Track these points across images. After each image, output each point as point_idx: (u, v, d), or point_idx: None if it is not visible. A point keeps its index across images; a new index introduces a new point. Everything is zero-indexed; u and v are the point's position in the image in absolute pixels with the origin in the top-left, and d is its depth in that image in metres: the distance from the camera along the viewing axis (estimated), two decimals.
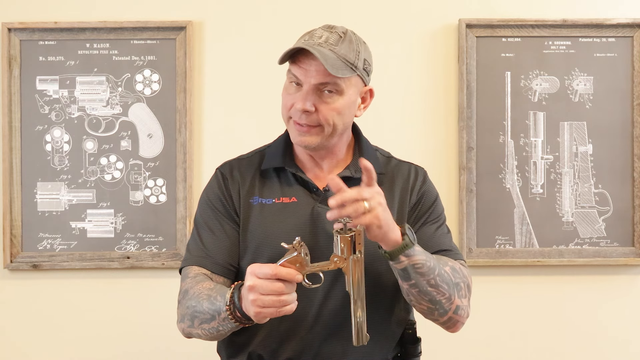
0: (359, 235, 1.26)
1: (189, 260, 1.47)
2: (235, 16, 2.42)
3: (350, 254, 1.25)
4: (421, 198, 1.51)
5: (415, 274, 1.31)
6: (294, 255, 1.24)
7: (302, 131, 1.41)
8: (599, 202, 2.40)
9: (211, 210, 1.49)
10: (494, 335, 2.42)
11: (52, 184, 2.39)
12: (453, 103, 2.41)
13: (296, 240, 1.24)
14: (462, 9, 2.41)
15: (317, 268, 1.26)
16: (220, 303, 1.30)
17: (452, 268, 1.39)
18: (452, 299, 1.36)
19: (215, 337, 1.38)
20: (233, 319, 1.28)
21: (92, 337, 2.41)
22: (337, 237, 1.26)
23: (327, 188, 1.45)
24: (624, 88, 2.40)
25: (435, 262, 1.34)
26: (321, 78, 1.37)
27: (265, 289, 1.20)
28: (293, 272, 1.22)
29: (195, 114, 2.41)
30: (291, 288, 1.23)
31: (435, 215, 1.51)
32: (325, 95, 1.39)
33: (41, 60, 2.40)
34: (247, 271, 1.23)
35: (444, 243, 1.48)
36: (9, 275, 2.40)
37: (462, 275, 1.41)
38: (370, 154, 1.51)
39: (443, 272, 1.35)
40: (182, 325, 1.41)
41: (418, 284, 1.32)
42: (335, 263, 1.26)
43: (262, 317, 1.23)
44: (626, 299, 2.42)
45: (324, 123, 1.40)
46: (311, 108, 1.38)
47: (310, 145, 1.42)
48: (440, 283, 1.34)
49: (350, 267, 1.26)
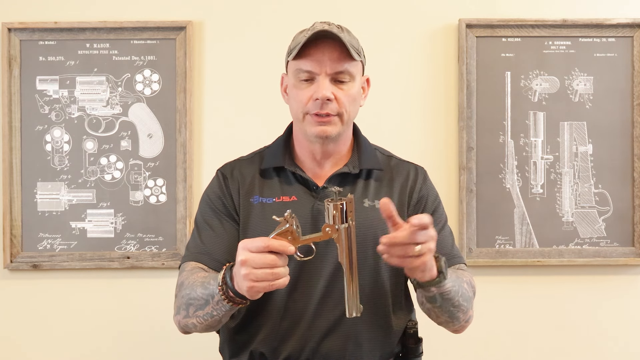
0: (350, 203, 1.24)
1: (187, 257, 1.47)
2: (235, 16, 2.42)
3: (341, 222, 1.23)
4: (423, 199, 1.52)
5: (442, 300, 1.35)
6: (286, 227, 1.22)
7: (322, 121, 1.41)
8: (599, 202, 2.40)
9: (211, 209, 1.49)
10: (494, 335, 2.42)
11: (52, 184, 2.39)
12: (453, 103, 2.41)
13: (287, 213, 1.23)
14: (462, 9, 2.41)
15: (309, 239, 1.24)
16: (213, 286, 1.29)
17: (467, 284, 1.43)
18: (467, 312, 1.42)
19: (210, 324, 1.36)
20: (226, 299, 1.27)
21: (92, 337, 2.41)
22: (328, 205, 1.24)
23: (326, 185, 1.46)
24: (624, 88, 2.40)
25: (458, 283, 1.38)
26: (337, 65, 1.39)
27: (257, 263, 1.18)
28: (285, 243, 1.20)
29: (195, 114, 2.41)
30: (284, 261, 1.21)
31: (438, 217, 1.52)
32: (340, 83, 1.41)
33: (41, 60, 2.40)
34: (239, 246, 1.22)
35: (448, 247, 1.51)
36: (9, 275, 2.40)
37: (472, 287, 1.46)
38: (369, 152, 1.53)
39: (464, 291, 1.40)
40: (178, 318, 1.40)
41: (442, 307, 1.37)
42: (327, 233, 1.24)
43: (255, 291, 1.21)
44: (626, 299, 2.43)
45: (342, 111, 1.42)
46: (332, 96, 1.39)
47: (330, 135, 1.43)
48: (462, 302, 1.39)
49: (343, 236, 1.24)
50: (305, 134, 1.45)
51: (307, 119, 1.43)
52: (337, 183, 1.47)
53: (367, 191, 1.48)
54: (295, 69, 1.42)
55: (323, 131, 1.42)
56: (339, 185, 1.47)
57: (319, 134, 1.42)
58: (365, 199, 1.47)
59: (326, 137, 1.43)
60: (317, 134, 1.42)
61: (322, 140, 1.44)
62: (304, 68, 1.40)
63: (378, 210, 1.44)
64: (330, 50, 1.39)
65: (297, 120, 1.46)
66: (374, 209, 1.45)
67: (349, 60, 1.41)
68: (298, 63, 1.41)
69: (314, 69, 1.40)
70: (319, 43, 1.39)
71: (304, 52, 1.40)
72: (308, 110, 1.42)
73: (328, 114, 1.41)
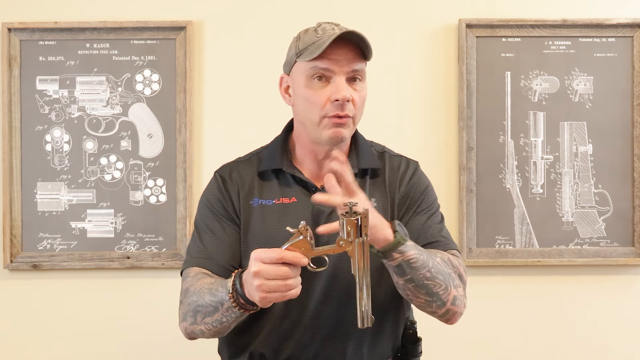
0: (365, 218, 1.23)
1: (190, 262, 1.47)
2: (235, 16, 2.42)
3: (356, 237, 1.23)
4: (411, 189, 1.50)
5: (410, 269, 1.31)
6: (300, 239, 1.22)
7: (341, 123, 1.39)
8: (599, 202, 2.40)
9: (211, 213, 1.48)
10: (494, 335, 2.42)
11: (52, 184, 2.39)
12: (453, 103, 2.41)
13: (302, 225, 1.23)
14: (462, 9, 2.41)
15: (323, 252, 1.24)
16: (222, 293, 1.29)
17: (441, 259, 1.38)
18: (448, 289, 1.36)
19: (218, 330, 1.36)
20: (237, 306, 1.27)
21: (92, 337, 2.41)
22: (342, 220, 1.24)
23: None
24: (624, 88, 2.40)
25: (427, 255, 1.34)
26: (354, 65, 1.39)
27: (270, 274, 1.19)
28: (299, 255, 1.20)
29: (195, 114, 2.41)
30: (296, 272, 1.21)
31: (426, 205, 1.50)
32: (353, 83, 1.40)
33: (41, 60, 2.40)
34: (252, 257, 1.22)
35: (435, 233, 1.47)
36: (9, 275, 2.40)
37: (452, 265, 1.40)
38: (367, 150, 1.52)
39: (437, 265, 1.35)
40: (184, 325, 1.40)
41: (414, 279, 1.32)
42: (341, 246, 1.24)
43: (268, 301, 1.22)
44: (626, 299, 2.42)
45: (356, 112, 1.41)
46: (350, 97, 1.38)
47: (345, 138, 1.42)
48: (436, 274, 1.33)
49: (356, 250, 1.23)
50: (319, 136, 1.41)
51: (324, 122, 1.39)
52: None
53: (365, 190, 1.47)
54: (310, 67, 1.39)
55: (339, 133, 1.39)
56: None
57: (336, 135, 1.39)
58: None
59: (341, 139, 1.41)
60: (335, 137, 1.40)
61: (335, 143, 1.42)
62: (321, 66, 1.38)
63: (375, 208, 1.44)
64: (347, 51, 1.38)
65: (310, 123, 1.41)
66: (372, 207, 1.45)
67: (363, 60, 1.41)
68: (313, 62, 1.38)
69: (332, 67, 1.37)
70: (336, 43, 1.37)
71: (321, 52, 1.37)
72: (327, 113, 1.38)
73: (347, 115, 1.39)
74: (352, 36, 1.37)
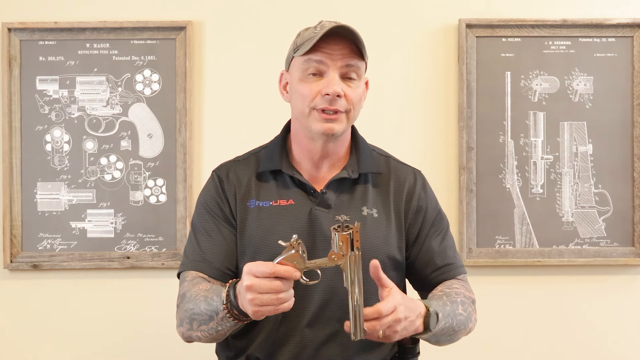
0: (357, 232, 1.25)
1: (187, 265, 1.47)
2: (235, 16, 2.42)
3: (348, 251, 1.24)
4: (422, 209, 1.51)
5: (436, 338, 1.39)
6: (292, 253, 1.23)
7: (329, 118, 1.39)
8: (599, 202, 2.40)
9: (208, 214, 1.48)
10: (493, 335, 2.42)
11: (52, 184, 2.39)
12: (453, 103, 2.41)
13: (293, 238, 1.23)
14: (462, 9, 2.41)
15: (315, 265, 1.25)
16: (217, 303, 1.30)
17: (462, 303, 1.43)
18: (468, 327, 1.46)
19: (214, 337, 1.37)
20: (231, 317, 1.28)
21: (92, 337, 2.41)
22: (335, 235, 1.25)
23: (325, 190, 1.45)
24: (624, 88, 2.40)
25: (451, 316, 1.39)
26: (348, 60, 1.39)
27: (263, 288, 1.19)
28: (291, 269, 1.21)
29: (195, 114, 2.41)
30: (288, 285, 1.22)
31: (439, 226, 1.52)
32: (348, 80, 1.40)
33: (41, 60, 2.40)
34: (244, 270, 1.22)
35: (449, 256, 1.51)
36: (9, 275, 2.40)
37: (470, 301, 1.47)
38: (368, 154, 1.51)
39: (459, 317, 1.41)
40: (181, 329, 1.41)
41: (440, 340, 1.42)
42: (333, 260, 1.25)
43: (260, 315, 1.23)
44: (626, 299, 2.42)
45: (350, 107, 1.41)
46: (342, 92, 1.38)
47: (336, 133, 1.41)
48: (459, 327, 1.42)
49: (349, 263, 1.25)
50: (309, 130, 1.41)
51: (312, 114, 1.39)
52: (336, 188, 1.46)
53: (366, 198, 1.46)
54: (304, 61, 1.39)
55: (330, 128, 1.39)
56: (338, 191, 1.45)
57: (326, 130, 1.39)
58: (364, 206, 1.45)
59: (332, 134, 1.40)
60: (324, 131, 1.39)
61: (327, 138, 1.41)
62: (315, 59, 1.38)
63: (377, 219, 1.45)
64: (341, 47, 1.38)
65: (301, 115, 1.42)
66: (373, 217, 1.45)
67: (359, 58, 1.40)
68: (308, 55, 1.39)
69: (325, 59, 1.38)
70: (330, 39, 1.37)
71: (315, 46, 1.37)
72: (315, 105, 1.39)
73: (337, 110, 1.38)
74: (346, 32, 1.37)
